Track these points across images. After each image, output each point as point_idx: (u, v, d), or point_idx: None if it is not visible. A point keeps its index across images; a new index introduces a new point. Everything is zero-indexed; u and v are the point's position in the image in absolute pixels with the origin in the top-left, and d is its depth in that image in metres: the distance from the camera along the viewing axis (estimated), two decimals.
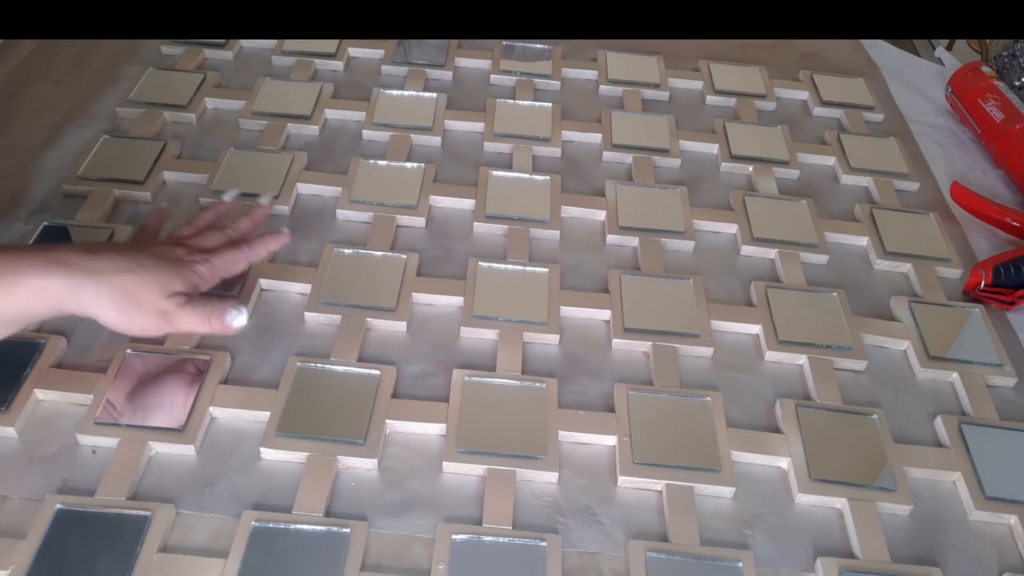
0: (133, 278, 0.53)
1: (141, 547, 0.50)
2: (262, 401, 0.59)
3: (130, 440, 0.56)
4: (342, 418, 0.58)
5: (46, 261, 0.51)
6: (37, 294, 0.51)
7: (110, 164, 0.77)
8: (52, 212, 0.72)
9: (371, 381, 0.61)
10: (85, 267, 0.52)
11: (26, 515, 0.52)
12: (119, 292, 0.53)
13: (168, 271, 0.55)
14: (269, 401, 0.59)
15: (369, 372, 0.61)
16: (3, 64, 0.90)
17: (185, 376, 0.59)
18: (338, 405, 0.59)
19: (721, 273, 0.74)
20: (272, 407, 0.58)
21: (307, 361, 0.62)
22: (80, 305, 0.52)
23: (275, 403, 0.59)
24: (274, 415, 0.58)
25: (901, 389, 0.66)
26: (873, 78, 1.03)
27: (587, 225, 0.77)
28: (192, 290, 0.57)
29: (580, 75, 0.97)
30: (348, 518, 0.53)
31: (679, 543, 0.54)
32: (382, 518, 0.54)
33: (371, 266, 0.70)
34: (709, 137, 0.89)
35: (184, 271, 0.56)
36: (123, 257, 0.54)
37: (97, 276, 0.52)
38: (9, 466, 0.55)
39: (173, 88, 0.87)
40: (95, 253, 0.53)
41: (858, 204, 0.82)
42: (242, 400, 0.59)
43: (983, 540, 0.57)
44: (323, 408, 0.59)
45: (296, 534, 0.52)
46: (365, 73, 0.94)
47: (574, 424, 0.60)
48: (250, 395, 0.59)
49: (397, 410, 0.59)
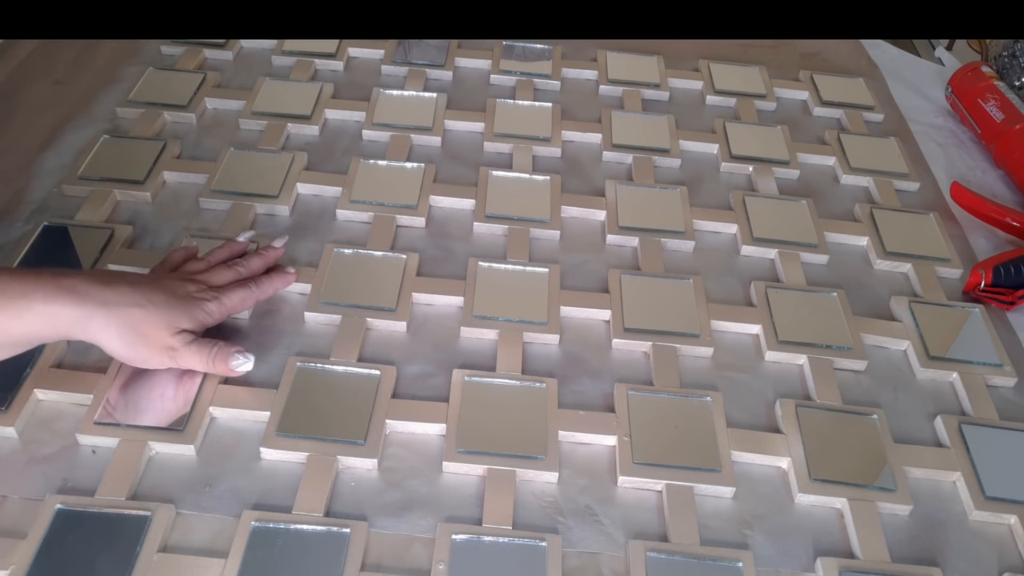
0: (143, 313, 0.55)
1: (141, 547, 0.50)
2: (262, 401, 0.59)
3: (130, 440, 0.56)
4: (341, 418, 0.58)
5: (59, 288, 0.52)
6: (47, 319, 0.52)
7: (110, 164, 0.77)
8: (52, 212, 0.73)
9: (371, 381, 0.61)
10: (97, 297, 0.53)
11: (26, 515, 0.52)
12: (127, 326, 0.54)
13: (178, 308, 0.57)
14: (269, 401, 0.59)
15: (369, 372, 0.61)
16: (3, 64, 0.90)
17: (185, 375, 0.60)
18: (337, 406, 0.59)
19: (721, 273, 0.74)
20: (272, 407, 0.58)
21: (307, 361, 0.62)
22: (87, 333, 0.53)
23: (275, 403, 0.59)
24: (274, 415, 0.58)
25: (901, 389, 0.66)
26: (873, 78, 1.03)
27: (587, 225, 0.77)
28: (199, 328, 0.58)
29: (580, 75, 0.97)
30: (348, 518, 0.53)
31: (679, 543, 0.54)
32: (382, 518, 0.54)
33: (371, 266, 0.70)
34: (709, 137, 0.89)
35: (194, 309, 0.57)
36: (135, 291, 0.55)
37: (107, 307, 0.53)
38: (9, 466, 0.55)
39: (173, 88, 0.87)
40: (108, 284, 0.54)
41: (858, 204, 0.82)
42: (242, 400, 0.59)
43: (983, 540, 0.57)
44: (323, 408, 0.59)
45: (296, 534, 0.52)
46: (365, 73, 0.94)
47: (574, 424, 0.60)
48: (251, 395, 0.59)
49: (397, 410, 0.59)
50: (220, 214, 0.74)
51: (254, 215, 0.74)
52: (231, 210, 0.74)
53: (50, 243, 0.69)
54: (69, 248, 0.69)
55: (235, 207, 0.74)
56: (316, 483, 0.55)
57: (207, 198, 0.75)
